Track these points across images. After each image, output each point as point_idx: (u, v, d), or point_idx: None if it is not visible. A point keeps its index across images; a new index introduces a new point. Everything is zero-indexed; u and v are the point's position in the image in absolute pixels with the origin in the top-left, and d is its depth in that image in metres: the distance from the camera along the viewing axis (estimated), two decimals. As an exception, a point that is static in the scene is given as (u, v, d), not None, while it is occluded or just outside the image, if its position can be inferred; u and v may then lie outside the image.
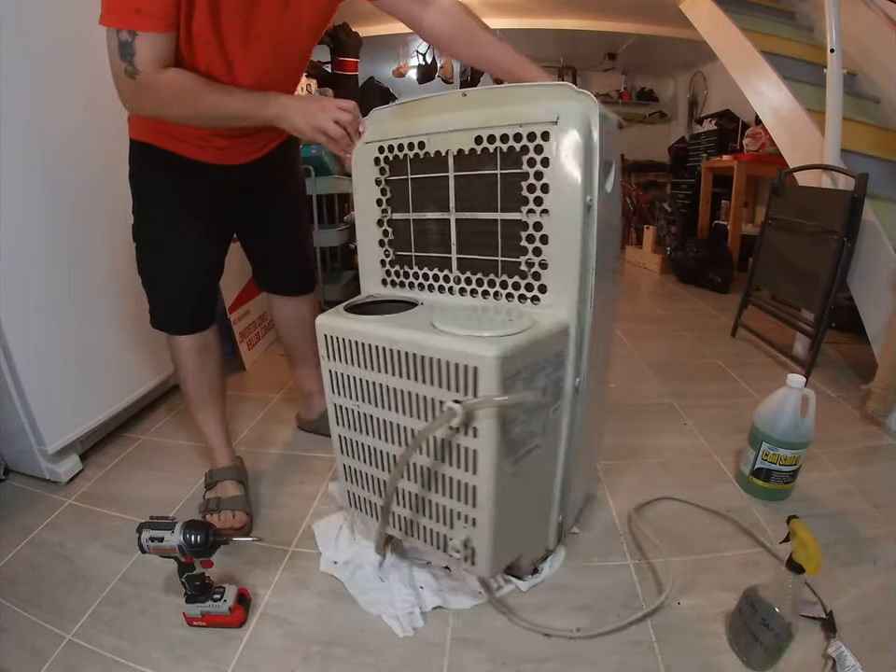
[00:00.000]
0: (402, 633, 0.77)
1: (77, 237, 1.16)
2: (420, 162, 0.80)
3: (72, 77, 1.12)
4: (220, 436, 1.10)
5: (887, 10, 2.04)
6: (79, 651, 0.75)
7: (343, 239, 2.60)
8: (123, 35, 0.73)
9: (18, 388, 1.06)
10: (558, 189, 0.67)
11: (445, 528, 0.75)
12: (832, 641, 0.72)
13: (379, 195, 0.86)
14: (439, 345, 0.65)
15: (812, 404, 1.01)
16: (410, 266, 0.87)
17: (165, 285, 0.99)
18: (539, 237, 0.71)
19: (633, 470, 1.15)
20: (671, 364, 1.81)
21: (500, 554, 0.74)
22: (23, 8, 1.00)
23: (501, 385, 0.61)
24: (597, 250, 0.70)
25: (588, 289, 0.72)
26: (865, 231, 1.53)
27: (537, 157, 0.68)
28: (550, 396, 0.73)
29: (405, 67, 3.95)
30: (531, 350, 0.65)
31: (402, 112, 0.84)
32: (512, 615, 0.79)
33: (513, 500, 0.72)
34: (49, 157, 1.08)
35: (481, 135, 0.71)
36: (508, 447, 0.66)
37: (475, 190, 0.75)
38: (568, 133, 0.65)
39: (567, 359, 0.74)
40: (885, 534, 0.96)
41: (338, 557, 0.91)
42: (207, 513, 0.99)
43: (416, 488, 0.75)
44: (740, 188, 2.91)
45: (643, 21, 3.50)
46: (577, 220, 0.67)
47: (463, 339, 0.64)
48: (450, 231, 0.80)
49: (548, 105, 0.67)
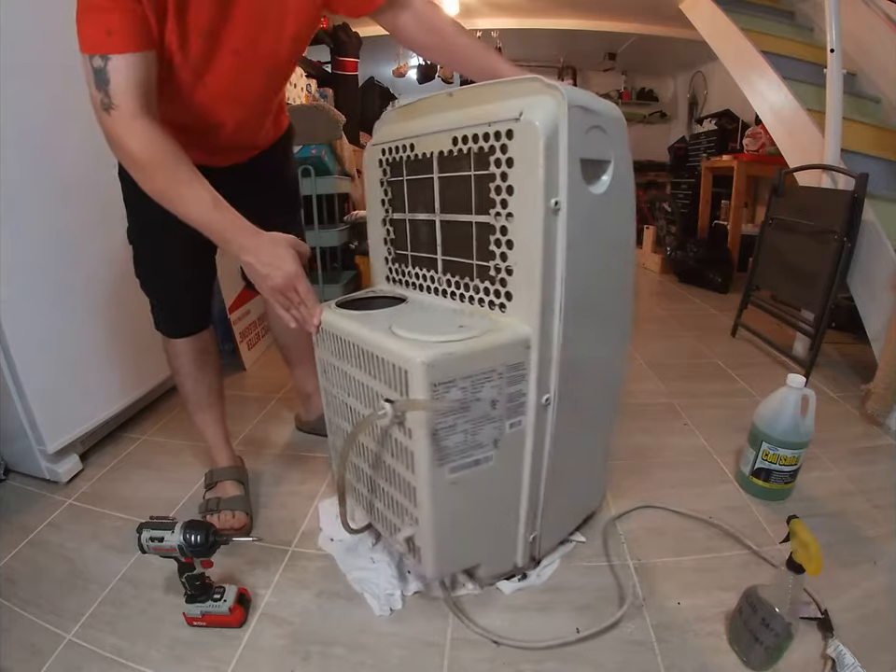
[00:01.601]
0: (379, 611, 0.80)
1: (77, 237, 1.16)
2: (412, 164, 0.81)
3: (70, 74, 1.12)
4: (220, 437, 1.10)
5: (887, 10, 2.04)
6: (79, 650, 0.75)
7: (343, 239, 2.60)
8: (97, 60, 0.68)
9: (18, 388, 1.06)
10: (521, 191, 0.64)
11: (398, 519, 0.77)
12: (829, 641, 0.72)
13: (383, 195, 0.89)
14: (382, 345, 0.67)
15: (812, 404, 1.01)
16: (406, 265, 0.89)
17: (159, 286, 0.99)
18: (505, 242, 0.68)
19: (633, 470, 1.15)
20: (671, 364, 1.81)
21: (446, 559, 0.75)
22: (24, 9, 1.00)
23: (429, 391, 0.61)
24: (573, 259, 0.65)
25: (556, 301, 0.66)
26: (865, 231, 1.53)
27: (502, 157, 0.64)
28: (503, 410, 0.69)
29: (405, 67, 3.95)
30: (471, 359, 0.64)
31: (403, 113, 0.86)
32: (465, 618, 0.79)
33: (459, 509, 0.72)
34: (50, 157, 1.08)
35: (457, 136, 0.70)
36: (443, 453, 0.66)
37: (454, 192, 0.74)
38: (530, 129, 0.60)
39: (528, 373, 0.69)
40: (885, 534, 0.96)
41: (335, 535, 0.95)
42: (207, 514, 0.99)
43: (380, 478, 0.79)
44: (740, 188, 2.91)
45: (643, 21, 3.50)
46: (538, 224, 0.62)
47: (402, 341, 0.65)
48: (436, 233, 0.80)
49: (514, 102, 0.63)
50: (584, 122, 0.63)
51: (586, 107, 0.63)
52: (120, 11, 0.66)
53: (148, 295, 1.01)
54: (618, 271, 0.78)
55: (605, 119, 0.67)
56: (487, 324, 0.69)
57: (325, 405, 0.93)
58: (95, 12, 0.67)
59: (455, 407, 0.64)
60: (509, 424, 0.71)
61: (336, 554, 0.92)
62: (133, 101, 0.69)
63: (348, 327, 0.76)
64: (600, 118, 0.66)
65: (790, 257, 1.80)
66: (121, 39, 0.67)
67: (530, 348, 0.68)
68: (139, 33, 0.68)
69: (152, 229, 0.92)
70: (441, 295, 0.83)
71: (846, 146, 1.66)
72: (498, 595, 0.84)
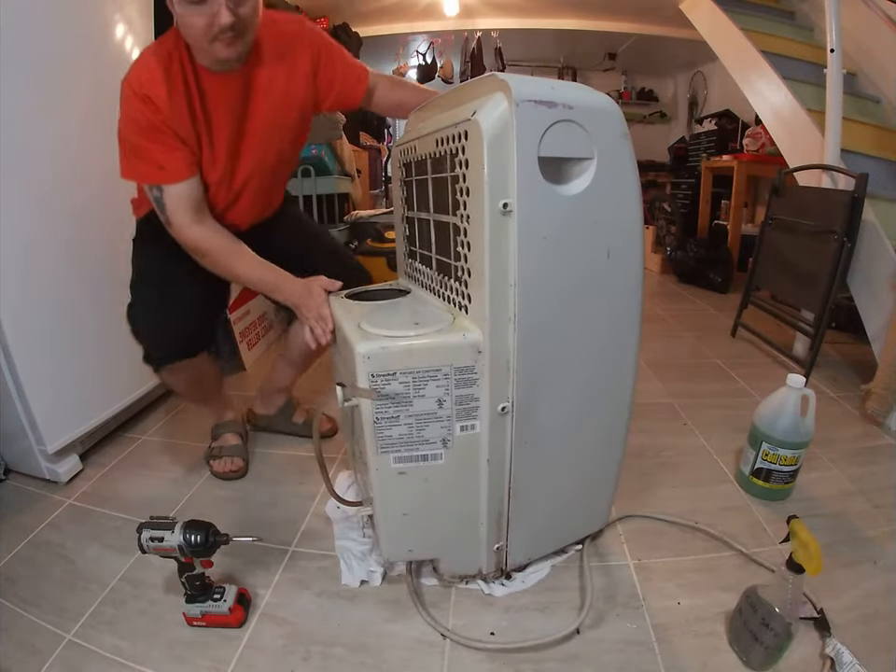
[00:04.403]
0: (344, 580, 0.86)
1: (77, 237, 1.16)
2: (416, 165, 0.84)
3: (73, 80, 1.12)
4: (222, 403, 1.25)
5: (887, 10, 2.04)
6: (79, 650, 0.75)
7: (344, 239, 2.60)
8: (154, 191, 0.88)
9: (18, 388, 1.06)
10: (474, 192, 0.62)
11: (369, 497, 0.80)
12: (827, 640, 0.72)
13: (402, 194, 0.94)
14: (345, 333, 0.73)
15: (812, 404, 1.01)
16: (416, 261, 0.93)
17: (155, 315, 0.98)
18: (465, 243, 0.67)
19: (633, 470, 1.15)
20: (671, 364, 1.81)
21: (399, 545, 0.79)
22: (26, 13, 1.00)
23: (369, 380, 0.67)
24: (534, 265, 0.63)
25: (509, 307, 0.64)
26: (865, 231, 1.53)
27: (462, 157, 0.64)
28: (450, 410, 0.70)
29: (405, 67, 3.95)
30: (412, 355, 0.66)
31: (418, 115, 0.91)
32: (420, 607, 0.81)
33: (410, 500, 0.75)
34: (50, 159, 1.08)
35: (437, 138, 0.72)
36: (387, 442, 0.70)
37: (440, 193, 0.75)
38: (476, 127, 0.58)
39: (479, 378, 0.68)
40: (885, 534, 0.96)
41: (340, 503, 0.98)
42: (211, 459, 1.17)
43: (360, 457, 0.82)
44: (740, 188, 2.91)
45: (643, 21, 3.50)
46: (483, 225, 0.60)
47: (358, 333, 0.70)
48: (430, 232, 0.82)
49: (474, 102, 0.62)
50: (543, 117, 0.59)
51: (547, 101, 0.59)
52: (169, 150, 0.86)
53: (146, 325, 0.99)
54: (612, 277, 0.70)
55: (579, 113, 0.61)
56: (445, 324, 0.70)
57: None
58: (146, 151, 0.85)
59: (398, 399, 0.68)
60: (459, 426, 0.71)
61: (335, 521, 1.00)
62: (187, 215, 0.89)
63: (337, 314, 0.83)
64: (571, 111, 0.60)
65: (790, 257, 1.80)
66: (173, 172, 0.87)
67: (482, 352, 0.67)
68: (187, 165, 0.88)
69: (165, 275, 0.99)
70: (432, 292, 0.86)
71: (846, 146, 1.66)
72: (498, 595, 0.84)
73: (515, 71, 4.26)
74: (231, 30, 0.78)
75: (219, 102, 0.89)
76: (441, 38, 3.78)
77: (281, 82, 0.93)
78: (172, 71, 0.84)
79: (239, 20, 0.77)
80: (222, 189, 0.97)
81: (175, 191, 0.87)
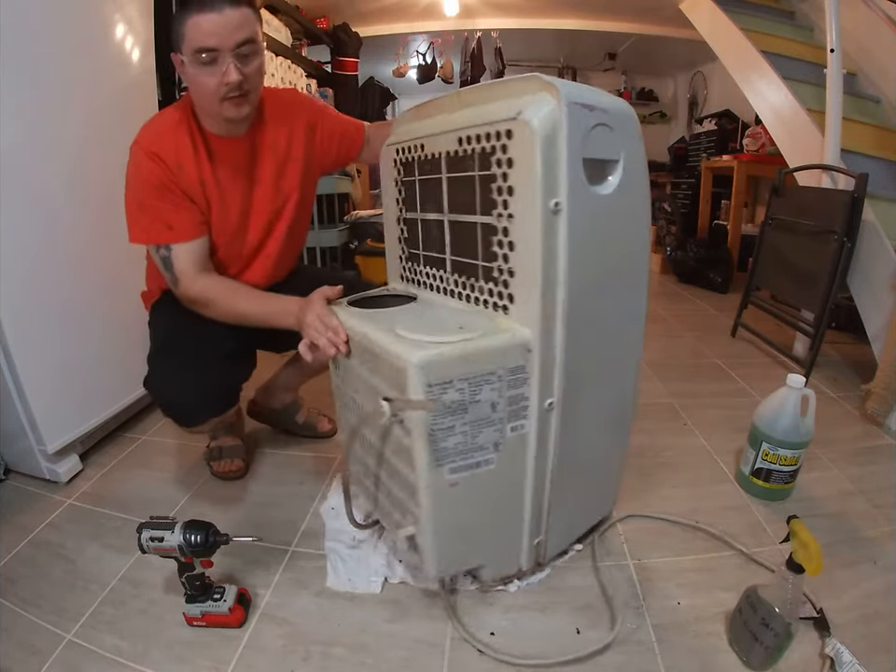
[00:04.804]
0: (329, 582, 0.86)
1: (77, 237, 1.16)
2: (422, 164, 0.82)
3: (73, 80, 1.12)
4: None
5: (887, 10, 2.04)
6: (79, 650, 0.75)
7: (343, 239, 2.60)
8: (162, 251, 0.89)
9: (18, 388, 1.06)
10: (521, 192, 0.63)
11: (400, 516, 0.79)
12: (827, 640, 0.73)
13: (397, 194, 0.91)
14: (383, 344, 0.68)
15: (812, 404, 1.01)
16: (418, 264, 0.90)
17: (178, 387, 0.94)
18: (506, 243, 0.67)
19: (633, 470, 1.15)
20: (671, 364, 1.81)
21: (448, 559, 0.75)
22: (26, 13, 1.00)
23: (424, 391, 0.62)
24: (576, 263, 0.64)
25: (557, 304, 0.65)
26: (865, 230, 1.53)
27: (503, 157, 0.64)
28: (503, 413, 0.69)
29: (405, 67, 3.95)
30: (467, 362, 0.64)
31: (416, 113, 0.87)
32: (457, 622, 0.78)
33: (461, 511, 0.72)
34: (50, 159, 1.08)
35: (461, 136, 0.70)
36: (442, 454, 0.67)
37: (460, 192, 0.74)
38: (526, 128, 0.59)
39: (530, 377, 0.69)
40: (885, 534, 0.96)
41: (336, 505, 1.04)
42: (211, 460, 1.17)
43: (384, 474, 0.79)
44: (740, 188, 2.91)
45: (643, 21, 3.50)
46: (537, 226, 0.61)
47: (402, 341, 0.66)
48: (444, 233, 0.80)
49: (513, 101, 0.63)
50: (586, 120, 0.61)
51: (588, 104, 0.61)
52: (178, 209, 0.88)
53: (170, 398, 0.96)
54: (630, 274, 0.76)
55: (611, 116, 0.64)
56: (488, 326, 0.69)
57: (336, 401, 0.96)
58: (155, 210, 0.88)
59: (454, 408, 0.64)
60: (510, 427, 0.71)
61: (327, 521, 1.00)
62: (193, 272, 0.91)
63: (356, 325, 0.77)
64: (606, 114, 0.64)
65: (790, 257, 1.80)
66: (182, 231, 0.89)
67: (531, 352, 0.67)
68: (195, 224, 0.91)
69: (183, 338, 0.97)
70: (449, 295, 0.83)
71: (846, 146, 1.66)
72: (499, 594, 0.84)
73: (515, 71, 4.28)
74: (238, 89, 0.84)
75: (228, 164, 0.95)
76: (441, 38, 3.78)
77: (283, 143, 1.00)
78: (181, 133, 0.90)
79: (246, 78, 0.84)
80: (234, 249, 1.00)
81: (183, 250, 0.90)
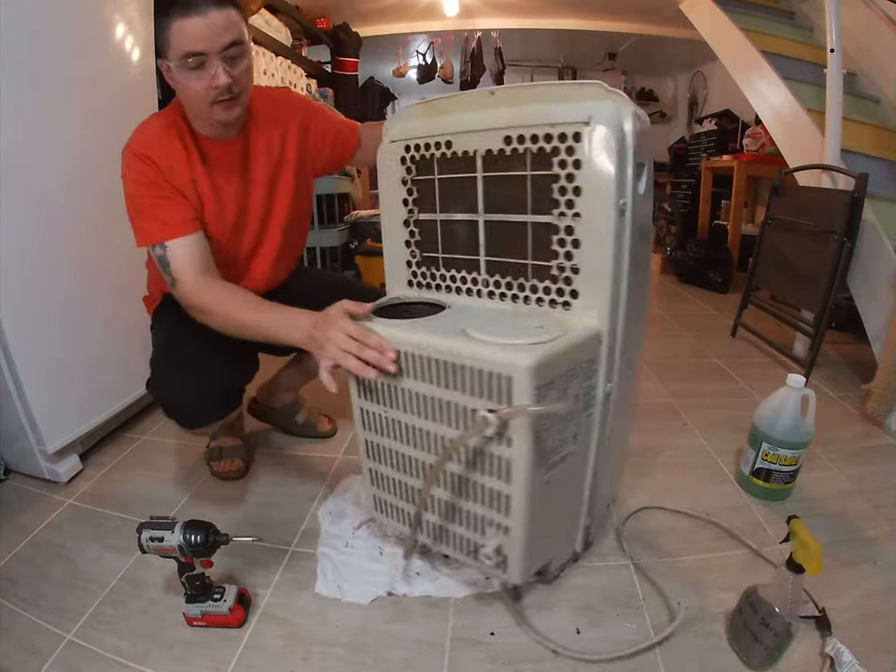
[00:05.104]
0: (317, 588, 0.84)
1: (77, 237, 1.16)
2: (447, 162, 0.77)
3: (74, 80, 1.12)
4: None
5: (887, 10, 2.04)
6: (79, 650, 0.75)
7: (343, 239, 2.60)
8: (158, 250, 0.87)
9: (18, 388, 1.06)
10: (590, 192, 0.65)
11: (476, 535, 0.74)
12: (827, 639, 0.73)
13: (405, 195, 0.85)
14: (471, 353, 0.63)
15: (812, 404, 1.01)
16: (437, 268, 0.85)
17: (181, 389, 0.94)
18: (570, 241, 0.69)
19: (633, 470, 1.15)
20: (671, 364, 1.81)
21: (531, 561, 0.74)
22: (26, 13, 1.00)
23: (535, 395, 0.60)
24: (630, 255, 0.68)
25: (621, 295, 0.69)
26: (865, 230, 1.53)
27: (568, 158, 0.65)
28: (581, 404, 0.71)
29: (405, 67, 3.95)
30: (564, 358, 0.64)
31: (428, 109, 0.82)
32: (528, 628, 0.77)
33: (546, 508, 0.71)
34: (51, 159, 1.08)
35: (510, 135, 0.69)
36: (541, 456, 0.66)
37: (504, 192, 0.73)
38: (601, 133, 0.62)
39: (599, 367, 0.72)
40: (885, 534, 0.96)
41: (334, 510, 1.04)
42: (211, 460, 1.17)
43: (447, 495, 0.75)
44: (740, 188, 2.91)
45: (643, 21, 3.50)
46: (610, 224, 0.64)
47: (496, 347, 0.63)
48: (478, 233, 0.77)
49: (579, 105, 0.64)
50: (639, 128, 0.65)
51: (639, 114, 0.66)
52: (171, 204, 0.87)
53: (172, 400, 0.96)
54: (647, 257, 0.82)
55: (646, 124, 0.69)
56: (560, 322, 0.70)
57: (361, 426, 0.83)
58: (150, 208, 0.86)
59: (557, 409, 0.63)
60: (584, 417, 0.73)
61: (323, 525, 1.00)
62: (192, 273, 0.86)
63: (411, 337, 0.69)
64: (644, 122, 0.69)
65: (790, 257, 1.80)
66: (175, 226, 0.86)
67: (601, 343, 0.71)
68: (188, 220, 0.88)
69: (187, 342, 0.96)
70: (487, 297, 0.80)
71: (846, 146, 1.66)
72: (499, 594, 0.84)
73: (515, 71, 4.28)
74: (228, 91, 0.83)
75: (222, 165, 0.94)
76: (441, 38, 3.78)
77: (277, 145, 0.99)
78: (171, 136, 0.89)
79: (234, 80, 0.83)
80: (231, 250, 1.00)
81: (178, 245, 0.86)
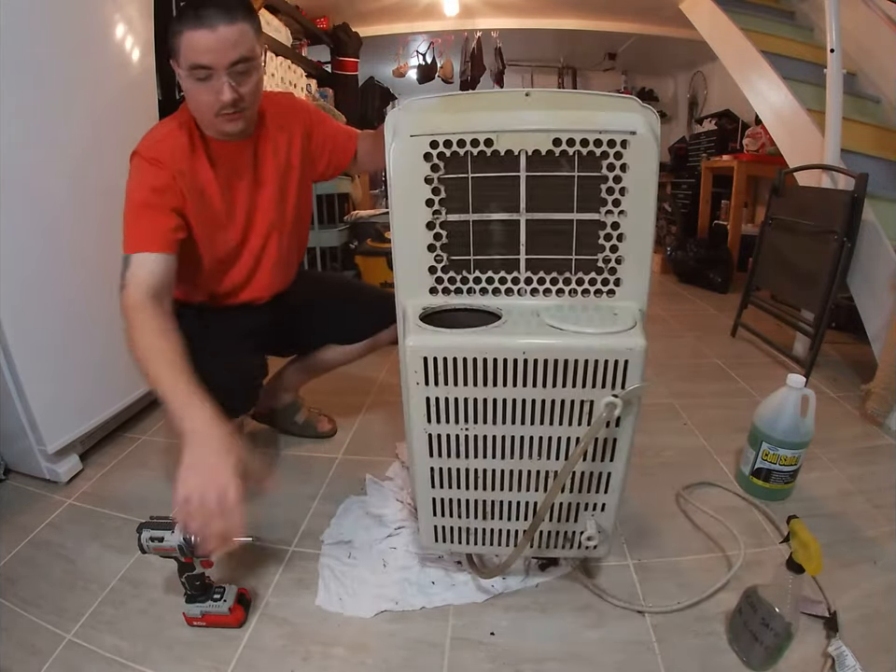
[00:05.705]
0: (318, 601, 0.83)
1: (78, 238, 1.16)
2: (485, 160, 0.74)
3: (74, 80, 1.12)
4: None
5: (887, 10, 2.04)
6: (79, 650, 0.75)
7: (343, 239, 2.60)
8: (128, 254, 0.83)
9: (18, 388, 1.06)
10: (636, 192, 0.74)
11: (569, 525, 0.81)
12: (832, 640, 0.73)
13: (430, 195, 0.77)
14: (586, 346, 0.70)
15: (812, 404, 1.01)
16: (468, 271, 0.81)
17: None
18: (616, 235, 0.76)
19: (633, 470, 1.14)
20: (671, 364, 1.81)
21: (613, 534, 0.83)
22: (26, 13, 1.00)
23: (640, 376, 0.70)
24: None
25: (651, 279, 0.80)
26: (865, 230, 1.53)
27: (616, 162, 0.72)
28: None
29: (405, 67, 3.95)
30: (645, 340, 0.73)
31: (450, 106, 0.78)
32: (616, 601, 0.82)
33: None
34: (52, 160, 1.08)
35: (559, 137, 0.72)
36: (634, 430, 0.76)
37: (547, 191, 0.75)
38: (647, 143, 0.72)
39: None
40: (885, 534, 0.96)
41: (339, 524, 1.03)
42: None
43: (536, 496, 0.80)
44: (740, 188, 2.91)
45: (643, 21, 3.50)
46: (650, 220, 0.74)
47: (604, 336, 0.71)
48: (519, 232, 0.77)
49: (626, 115, 0.72)
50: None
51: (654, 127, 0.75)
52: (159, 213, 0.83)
53: None
54: None
55: None
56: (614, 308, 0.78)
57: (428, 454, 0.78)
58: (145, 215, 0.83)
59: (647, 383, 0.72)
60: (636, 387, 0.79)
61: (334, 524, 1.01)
62: (143, 287, 0.80)
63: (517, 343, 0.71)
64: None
65: (790, 257, 1.80)
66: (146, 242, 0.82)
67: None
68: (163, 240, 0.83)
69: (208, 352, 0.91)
70: (530, 294, 0.80)
71: (846, 146, 1.66)
72: (515, 593, 0.84)
73: (515, 71, 4.28)
74: (233, 106, 0.83)
75: (232, 166, 0.95)
76: (441, 38, 3.77)
77: (283, 149, 1.01)
78: (180, 139, 0.89)
79: (241, 97, 0.83)
80: (240, 251, 1.01)
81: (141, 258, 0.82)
